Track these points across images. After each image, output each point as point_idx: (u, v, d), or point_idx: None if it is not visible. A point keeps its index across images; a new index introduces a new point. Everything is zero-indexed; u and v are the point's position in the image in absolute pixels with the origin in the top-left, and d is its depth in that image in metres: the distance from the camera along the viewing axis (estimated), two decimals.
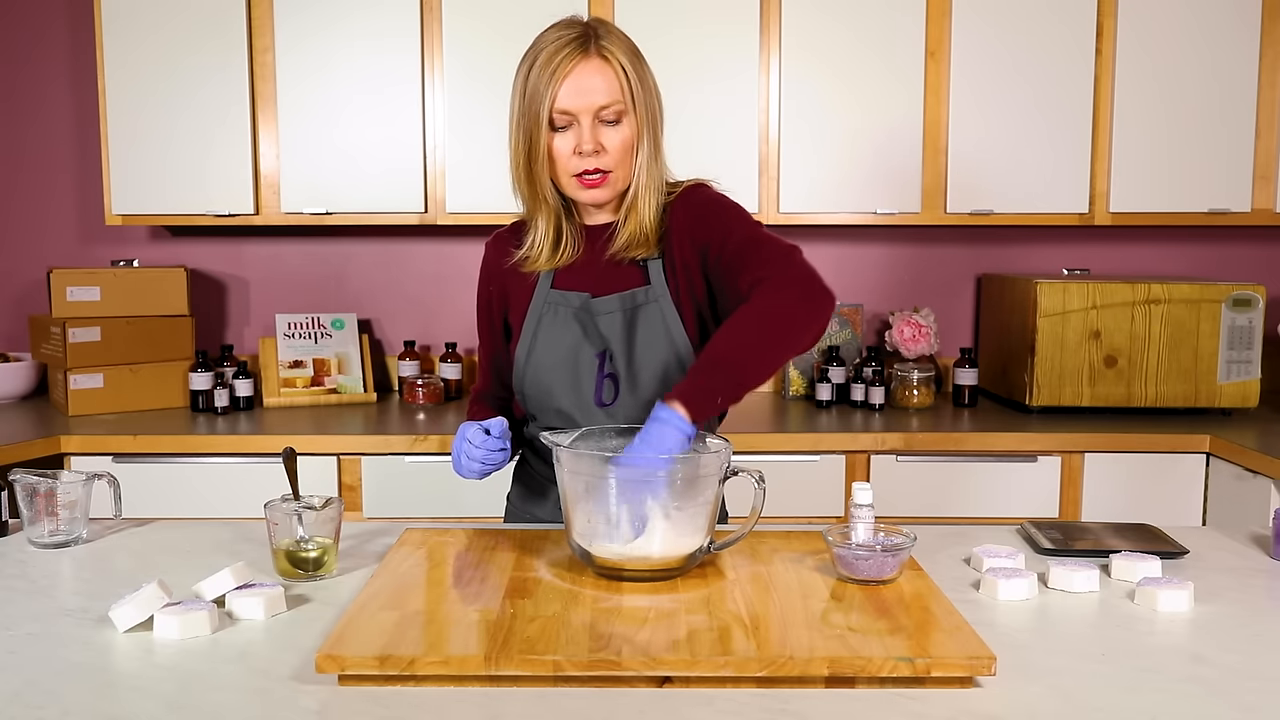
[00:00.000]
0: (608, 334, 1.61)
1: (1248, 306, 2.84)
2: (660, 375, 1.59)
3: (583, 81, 1.50)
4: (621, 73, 1.52)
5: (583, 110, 1.51)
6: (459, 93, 2.92)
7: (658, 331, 1.60)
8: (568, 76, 1.50)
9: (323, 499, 1.46)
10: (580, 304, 1.62)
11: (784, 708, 1.06)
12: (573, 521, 1.37)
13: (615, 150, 1.53)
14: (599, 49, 1.51)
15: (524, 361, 1.65)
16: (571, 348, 1.62)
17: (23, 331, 3.33)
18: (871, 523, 1.42)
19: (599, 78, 1.51)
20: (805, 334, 1.45)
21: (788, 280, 1.46)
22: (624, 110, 1.53)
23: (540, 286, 1.65)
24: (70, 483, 1.58)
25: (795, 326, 1.44)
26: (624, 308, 1.61)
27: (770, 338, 1.43)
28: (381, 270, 3.34)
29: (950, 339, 3.36)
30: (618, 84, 1.52)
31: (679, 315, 1.60)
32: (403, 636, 1.15)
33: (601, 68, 1.51)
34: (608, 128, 1.53)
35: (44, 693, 1.09)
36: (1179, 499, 2.74)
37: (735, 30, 2.90)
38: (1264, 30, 2.95)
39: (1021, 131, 2.96)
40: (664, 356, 1.59)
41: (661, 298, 1.60)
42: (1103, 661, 1.18)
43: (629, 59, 1.53)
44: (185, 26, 2.90)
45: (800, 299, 1.45)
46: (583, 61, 1.50)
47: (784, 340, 1.44)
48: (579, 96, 1.50)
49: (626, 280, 1.62)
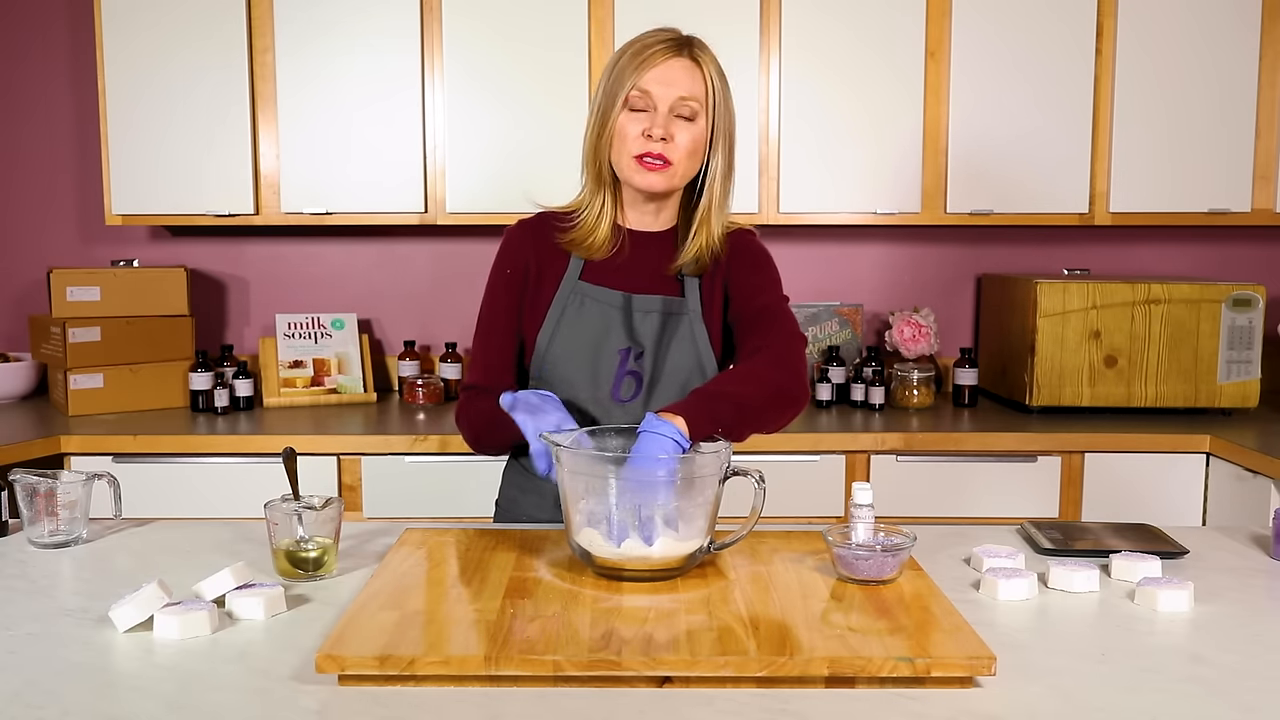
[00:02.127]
0: (642, 332, 1.64)
1: (1248, 306, 2.84)
2: (683, 382, 1.64)
3: (670, 73, 1.56)
4: (708, 78, 1.59)
5: (662, 97, 1.56)
6: (459, 93, 2.92)
7: (689, 341, 1.65)
8: (656, 66, 1.56)
9: (323, 499, 1.46)
10: (618, 299, 1.65)
11: (784, 708, 1.06)
12: (573, 521, 1.37)
13: (684, 144, 1.57)
14: (693, 54, 1.59)
15: (545, 348, 1.66)
16: (595, 340, 1.64)
17: (23, 331, 3.33)
18: (871, 523, 1.42)
19: (686, 74, 1.57)
20: (782, 415, 1.54)
21: (786, 363, 1.55)
22: (699, 111, 1.57)
23: (568, 277, 1.67)
24: (70, 483, 1.58)
25: (781, 403, 1.53)
26: (664, 310, 1.65)
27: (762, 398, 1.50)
28: (381, 270, 3.34)
29: (950, 339, 3.36)
30: (702, 86, 1.58)
31: (707, 334, 1.66)
32: (403, 636, 1.15)
33: (691, 68, 1.58)
34: (681, 122, 1.57)
35: (44, 693, 1.09)
36: (1179, 499, 2.74)
37: (735, 30, 2.90)
38: (1264, 30, 2.94)
39: (1021, 131, 2.96)
40: (690, 365, 1.65)
41: (694, 313, 1.66)
42: (1103, 661, 1.18)
43: (718, 75, 1.61)
44: (185, 26, 2.90)
45: (792, 384, 1.53)
46: (675, 58, 1.57)
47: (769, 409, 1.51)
48: (662, 84, 1.56)
49: (662, 288, 1.67)
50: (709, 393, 1.45)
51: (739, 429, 1.45)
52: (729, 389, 1.47)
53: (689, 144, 1.58)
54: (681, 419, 1.37)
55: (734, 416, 1.43)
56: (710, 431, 1.40)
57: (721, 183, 1.63)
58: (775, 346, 1.56)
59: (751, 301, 1.63)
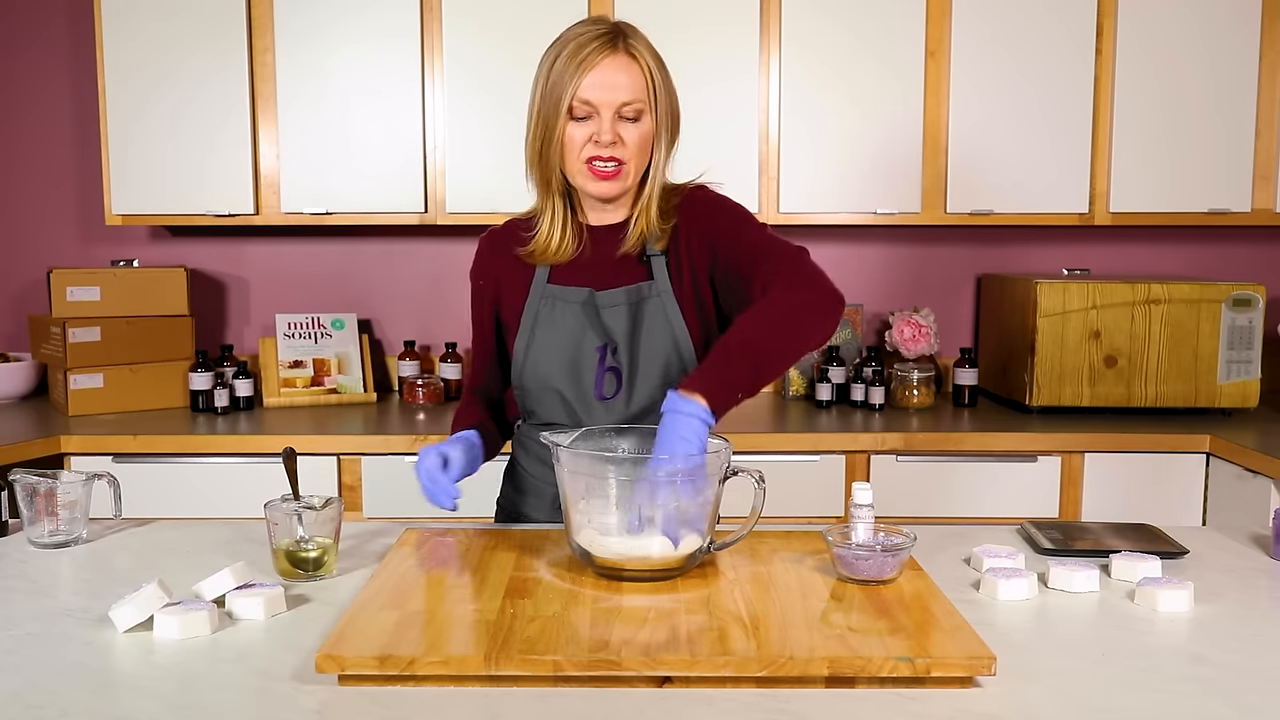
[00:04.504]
0: (612, 327, 1.62)
1: (1248, 306, 2.84)
2: (662, 370, 1.61)
3: (608, 76, 1.53)
4: (647, 72, 1.55)
5: (605, 104, 1.53)
6: (459, 93, 2.92)
7: (661, 326, 1.62)
8: (594, 69, 1.52)
9: (323, 499, 1.46)
10: (584, 298, 1.63)
11: (784, 708, 1.06)
12: (573, 521, 1.37)
13: (632, 145, 1.55)
14: (627, 46, 1.54)
15: (523, 355, 1.66)
16: (572, 341, 1.63)
17: (23, 331, 3.33)
18: (871, 523, 1.42)
19: (624, 74, 1.53)
20: (818, 330, 1.48)
21: (801, 280, 1.50)
22: (644, 109, 1.55)
23: (537, 282, 1.66)
24: (70, 483, 1.58)
25: (809, 322, 1.47)
26: (629, 301, 1.62)
27: (786, 331, 1.45)
28: (381, 270, 3.34)
29: (950, 339, 3.36)
30: (642, 82, 1.54)
31: (680, 311, 1.62)
32: (403, 636, 1.15)
33: (628, 65, 1.54)
34: (627, 124, 1.55)
35: (44, 693, 1.09)
36: (1179, 499, 2.74)
37: (735, 30, 2.90)
38: (1264, 30, 2.94)
39: (1021, 131, 2.96)
40: (666, 351, 1.61)
41: (664, 293, 1.62)
42: (1103, 661, 1.18)
43: (654, 61, 1.57)
44: (185, 26, 2.90)
45: (814, 297, 1.48)
46: (610, 56, 1.53)
47: (799, 334, 1.46)
48: (603, 90, 1.52)
49: (629, 277, 1.64)
50: (725, 355, 1.40)
51: (762, 378, 1.41)
52: (747, 338, 1.42)
53: (637, 142, 1.55)
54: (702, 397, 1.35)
55: (753, 375, 1.40)
56: (733, 400, 1.38)
57: (664, 168, 1.60)
58: (781, 272, 1.50)
59: (735, 250, 1.58)
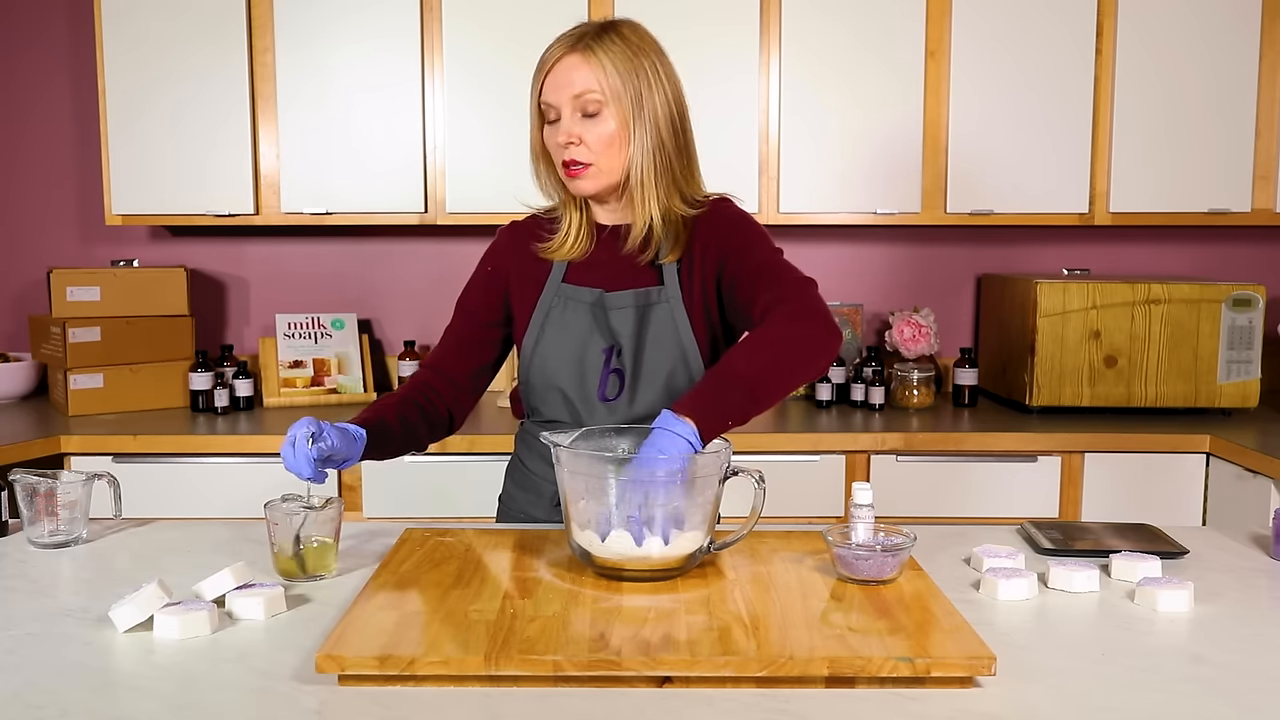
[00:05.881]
0: (618, 329, 1.62)
1: (1248, 306, 2.84)
2: (666, 375, 1.61)
3: (560, 75, 1.55)
4: (602, 67, 1.53)
5: (561, 103, 1.55)
6: (459, 93, 2.92)
7: (667, 332, 1.61)
8: (550, 72, 1.55)
9: (323, 499, 1.46)
10: (594, 298, 1.64)
11: (784, 708, 1.06)
12: (573, 521, 1.37)
13: (594, 143, 1.55)
14: (584, 45, 1.54)
15: (530, 352, 1.66)
16: (580, 341, 1.63)
17: (23, 331, 3.33)
18: (871, 523, 1.42)
19: (575, 72, 1.54)
20: (814, 366, 1.46)
21: (802, 312, 1.48)
22: (602, 103, 1.53)
23: (551, 280, 1.67)
24: (70, 483, 1.58)
25: (808, 357, 1.45)
26: (637, 304, 1.62)
27: (784, 364, 1.43)
28: (381, 270, 3.34)
29: (950, 339, 3.36)
30: (594, 78, 1.53)
31: (688, 319, 1.62)
32: (403, 636, 1.15)
33: (579, 63, 1.54)
34: (586, 121, 1.55)
35: (44, 693, 1.09)
36: (1179, 499, 2.74)
37: (735, 31, 2.90)
38: (1264, 30, 2.94)
39: (1021, 132, 2.96)
40: (671, 357, 1.61)
41: (673, 299, 1.62)
42: (1103, 661, 1.18)
43: (619, 58, 1.53)
44: (185, 27, 2.90)
45: (814, 331, 1.46)
46: (566, 57, 1.55)
47: (796, 368, 1.45)
48: (556, 89, 1.55)
49: (640, 280, 1.64)
50: (721, 382, 1.39)
51: (755, 408, 1.40)
52: (740, 369, 1.41)
53: (598, 140, 1.54)
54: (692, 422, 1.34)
55: (745, 402, 1.39)
56: (722, 428, 1.37)
57: (648, 165, 1.56)
58: (785, 300, 1.49)
59: (743, 265, 1.57)
